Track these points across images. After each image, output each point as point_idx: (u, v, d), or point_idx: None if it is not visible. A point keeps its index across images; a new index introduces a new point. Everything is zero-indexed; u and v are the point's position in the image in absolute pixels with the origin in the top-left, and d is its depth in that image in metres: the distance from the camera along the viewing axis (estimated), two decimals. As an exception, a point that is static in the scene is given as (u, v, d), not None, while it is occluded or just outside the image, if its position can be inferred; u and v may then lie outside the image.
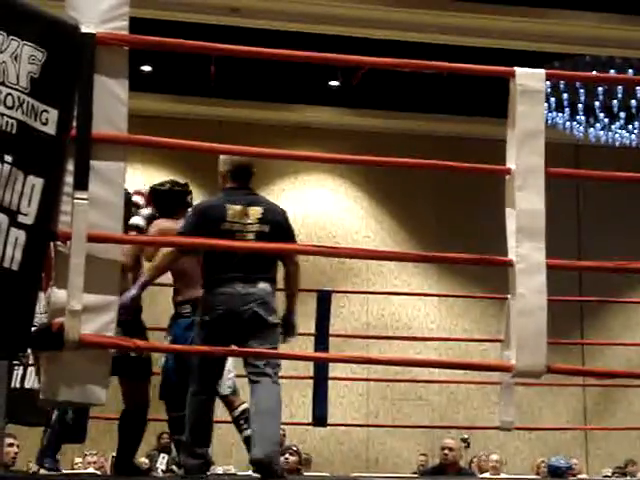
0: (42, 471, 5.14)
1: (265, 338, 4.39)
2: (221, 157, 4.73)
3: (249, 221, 4.51)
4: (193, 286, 4.91)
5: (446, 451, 7.91)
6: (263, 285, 4.47)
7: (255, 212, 4.54)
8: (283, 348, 4.59)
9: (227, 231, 4.43)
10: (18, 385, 4.97)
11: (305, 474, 8.17)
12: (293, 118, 14.38)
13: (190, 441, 4.50)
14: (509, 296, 3.48)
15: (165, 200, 5.34)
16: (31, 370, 5.02)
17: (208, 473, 4.66)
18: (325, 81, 13.41)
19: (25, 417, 5.07)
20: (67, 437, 5.21)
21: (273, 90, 13.53)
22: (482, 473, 9.65)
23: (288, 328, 4.67)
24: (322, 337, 7.13)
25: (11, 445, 6.75)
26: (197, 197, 15.64)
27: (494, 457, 9.83)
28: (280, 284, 4.64)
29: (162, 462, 6.61)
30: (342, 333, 12.37)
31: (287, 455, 7.34)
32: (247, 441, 4.82)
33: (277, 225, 4.58)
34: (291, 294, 4.73)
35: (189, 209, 5.09)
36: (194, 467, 4.46)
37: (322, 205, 14.72)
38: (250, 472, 9.83)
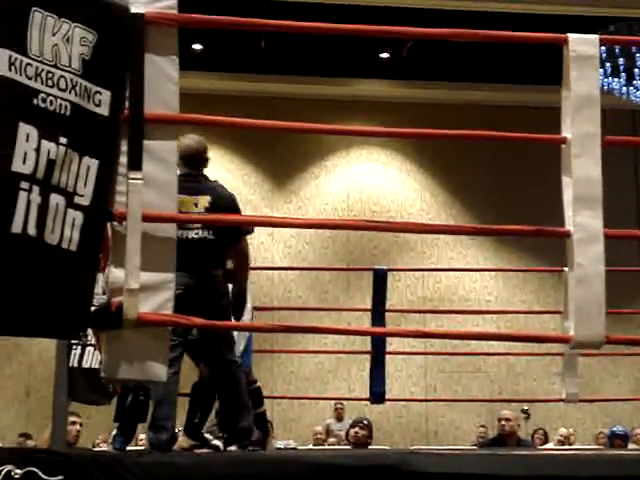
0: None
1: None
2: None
3: (197, 210, 4.58)
4: None
5: (503, 422, 7.86)
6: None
7: (203, 201, 4.60)
8: (342, 324, 4.62)
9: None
10: (76, 364, 5.03)
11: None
12: (344, 92, 14.33)
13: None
14: (566, 267, 3.43)
15: None
16: (89, 350, 5.07)
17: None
18: (375, 53, 13.33)
19: (83, 395, 5.13)
20: (129, 417, 5.26)
21: (323, 64, 13.50)
22: (547, 444, 9.61)
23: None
24: (379, 312, 7.10)
25: (74, 423, 6.84)
26: (253, 173, 15.64)
27: (563, 431, 9.73)
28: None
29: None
30: (399, 307, 12.36)
31: (357, 429, 7.33)
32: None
33: (225, 212, 4.61)
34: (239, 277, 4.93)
35: None
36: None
37: (375, 179, 14.67)
38: (311, 446, 9.84)
